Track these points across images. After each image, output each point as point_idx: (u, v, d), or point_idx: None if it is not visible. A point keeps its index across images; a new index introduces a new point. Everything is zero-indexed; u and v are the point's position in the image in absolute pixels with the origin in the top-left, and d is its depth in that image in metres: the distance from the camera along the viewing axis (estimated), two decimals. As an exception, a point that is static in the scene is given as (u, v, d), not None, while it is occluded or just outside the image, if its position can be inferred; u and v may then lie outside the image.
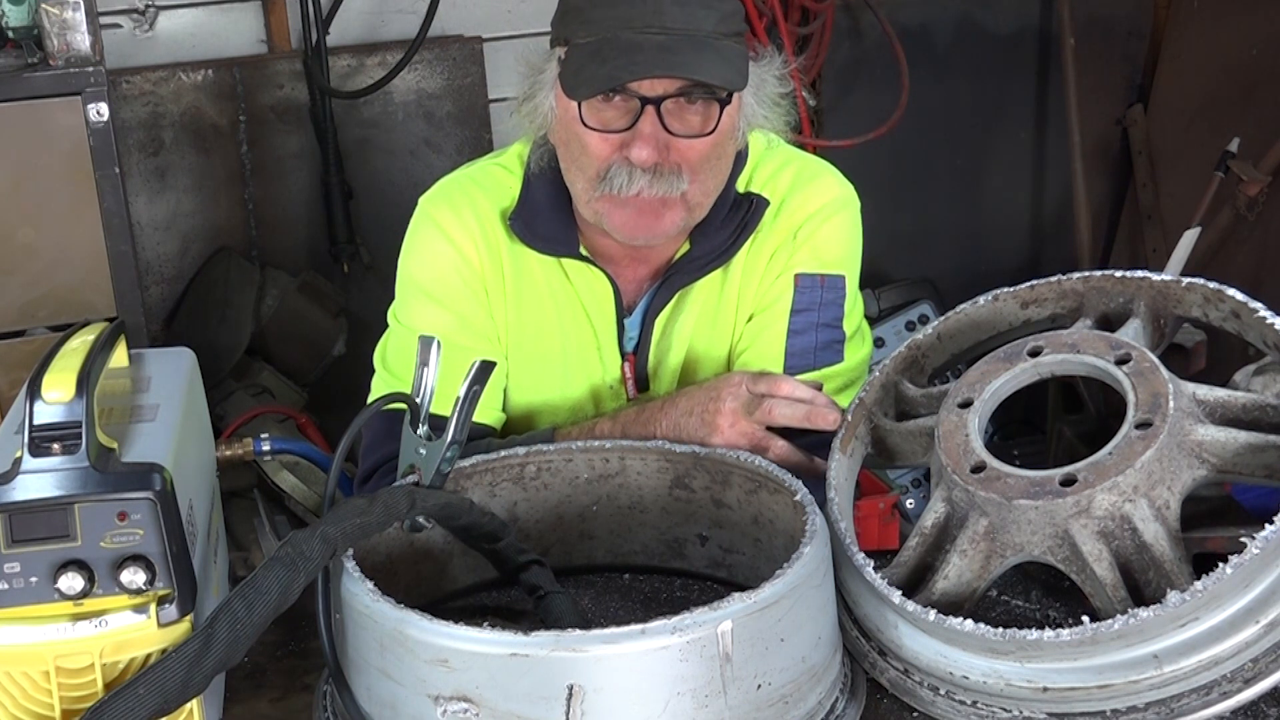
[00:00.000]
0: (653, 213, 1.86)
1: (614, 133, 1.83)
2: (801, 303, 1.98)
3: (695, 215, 1.92)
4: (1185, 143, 4.18)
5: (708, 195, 1.91)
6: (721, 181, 1.93)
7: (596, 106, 1.83)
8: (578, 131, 1.85)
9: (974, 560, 1.51)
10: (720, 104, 1.83)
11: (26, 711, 1.37)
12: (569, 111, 1.86)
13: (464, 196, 2.02)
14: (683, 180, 1.84)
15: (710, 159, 1.86)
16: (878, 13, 4.12)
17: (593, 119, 1.83)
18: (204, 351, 1.93)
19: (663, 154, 1.83)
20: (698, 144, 1.83)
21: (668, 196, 1.85)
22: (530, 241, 1.97)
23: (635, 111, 1.81)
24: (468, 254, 1.99)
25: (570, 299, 2.01)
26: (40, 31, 2.83)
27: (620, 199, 1.85)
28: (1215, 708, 1.37)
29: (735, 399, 1.78)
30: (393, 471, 1.88)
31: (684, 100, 1.81)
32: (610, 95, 1.82)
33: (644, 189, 1.83)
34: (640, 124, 1.81)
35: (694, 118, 1.83)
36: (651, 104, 1.80)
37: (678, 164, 1.83)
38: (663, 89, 1.80)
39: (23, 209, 2.88)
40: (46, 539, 1.35)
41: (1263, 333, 1.52)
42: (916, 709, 1.50)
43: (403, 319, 2.03)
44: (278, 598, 1.34)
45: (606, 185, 1.85)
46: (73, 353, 1.48)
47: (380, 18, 3.84)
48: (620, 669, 1.29)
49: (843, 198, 2.03)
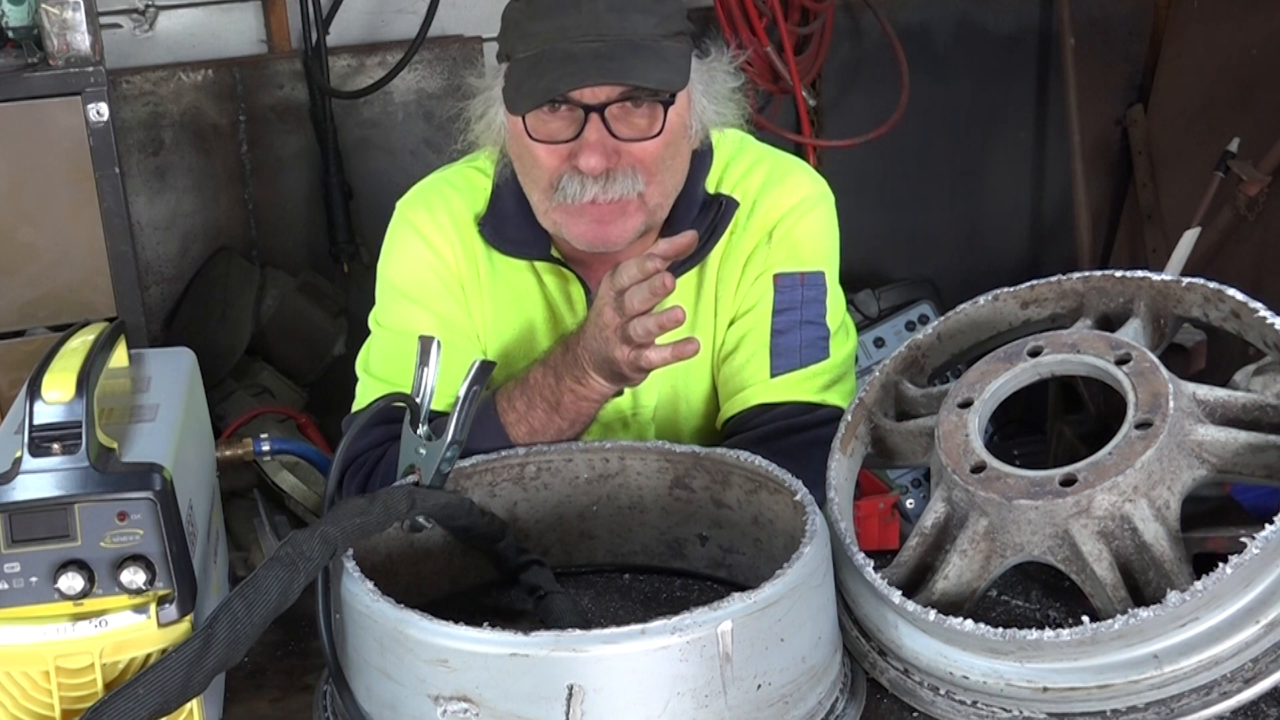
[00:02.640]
0: (610, 219, 1.86)
1: (561, 143, 1.83)
2: (783, 302, 1.98)
3: (656, 216, 1.91)
4: (1185, 143, 4.18)
5: (666, 196, 1.91)
6: (679, 181, 1.92)
7: (542, 119, 1.83)
8: (527, 145, 1.86)
9: (974, 560, 1.51)
10: (664, 105, 1.83)
11: (26, 711, 1.37)
12: (517, 126, 1.86)
13: (439, 199, 2.03)
14: (638, 182, 1.84)
15: (664, 159, 1.86)
16: (878, 13, 4.12)
17: (539, 131, 1.84)
18: (204, 351, 1.93)
19: (613, 159, 1.83)
20: (649, 145, 1.83)
21: (625, 199, 1.84)
22: (501, 246, 1.98)
23: (580, 121, 1.81)
24: (444, 255, 2.00)
25: (543, 300, 2.01)
26: (40, 31, 2.83)
27: (575, 207, 1.85)
28: (1215, 708, 1.37)
29: (604, 299, 1.75)
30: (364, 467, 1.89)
31: (629, 105, 1.82)
32: (555, 106, 1.82)
33: (598, 195, 1.83)
34: (585, 132, 1.81)
35: (640, 120, 1.83)
36: (594, 111, 1.80)
37: (631, 167, 1.84)
38: (605, 95, 1.81)
39: (23, 209, 2.87)
40: (46, 539, 1.35)
41: (1263, 333, 1.51)
42: (916, 709, 1.50)
43: (384, 323, 2.04)
44: (278, 598, 1.34)
45: (560, 195, 1.85)
46: (73, 353, 1.48)
47: (380, 18, 3.84)
48: (620, 669, 1.29)
49: (815, 194, 2.03)
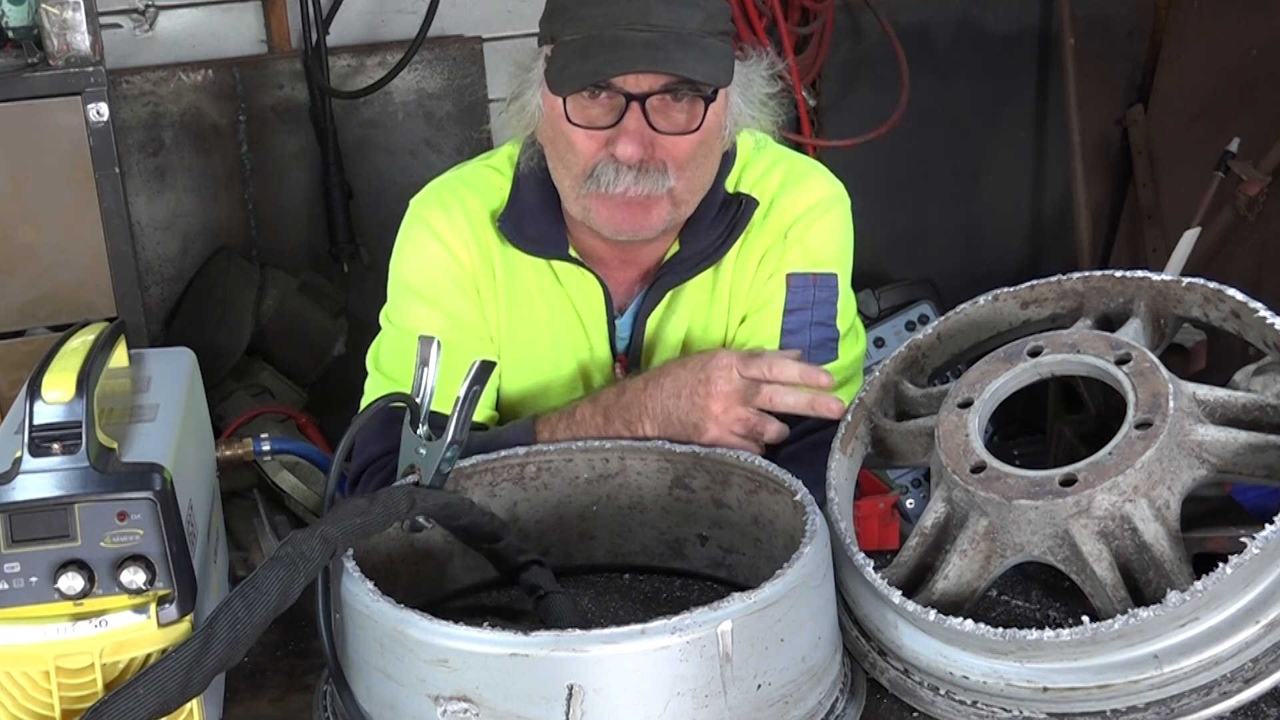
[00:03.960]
0: (639, 208, 1.86)
1: (599, 129, 1.83)
2: (794, 302, 1.98)
3: (682, 212, 1.91)
4: (1185, 143, 4.18)
5: (694, 193, 1.91)
6: (709, 179, 1.93)
7: (582, 103, 1.83)
8: (564, 129, 1.85)
9: (974, 560, 1.51)
10: (705, 101, 1.83)
11: (26, 711, 1.37)
12: (555, 109, 1.86)
13: (454, 197, 2.02)
14: (669, 178, 1.84)
15: (696, 156, 1.86)
16: (878, 13, 4.12)
17: (578, 115, 1.84)
18: (204, 351, 1.93)
19: (648, 151, 1.82)
20: (683, 141, 1.83)
21: (654, 195, 1.84)
22: (519, 243, 1.97)
23: (620, 108, 1.81)
24: (459, 254, 1.99)
25: (561, 300, 2.01)
26: (40, 31, 2.84)
27: (606, 195, 1.85)
28: (1215, 708, 1.37)
29: (728, 382, 1.77)
30: (383, 470, 1.89)
31: (669, 97, 1.82)
32: (596, 92, 1.82)
33: (630, 187, 1.83)
34: (625, 120, 1.81)
35: (679, 115, 1.83)
36: (636, 100, 1.80)
37: (663, 161, 1.83)
38: (648, 85, 1.80)
39: (23, 209, 2.88)
40: (46, 539, 1.35)
41: (1263, 333, 1.51)
42: (916, 709, 1.50)
43: (395, 321, 2.03)
44: (278, 598, 1.34)
45: (593, 183, 1.85)
46: (73, 353, 1.48)
47: (380, 18, 3.84)
48: (620, 669, 1.29)
49: (832, 196, 2.03)
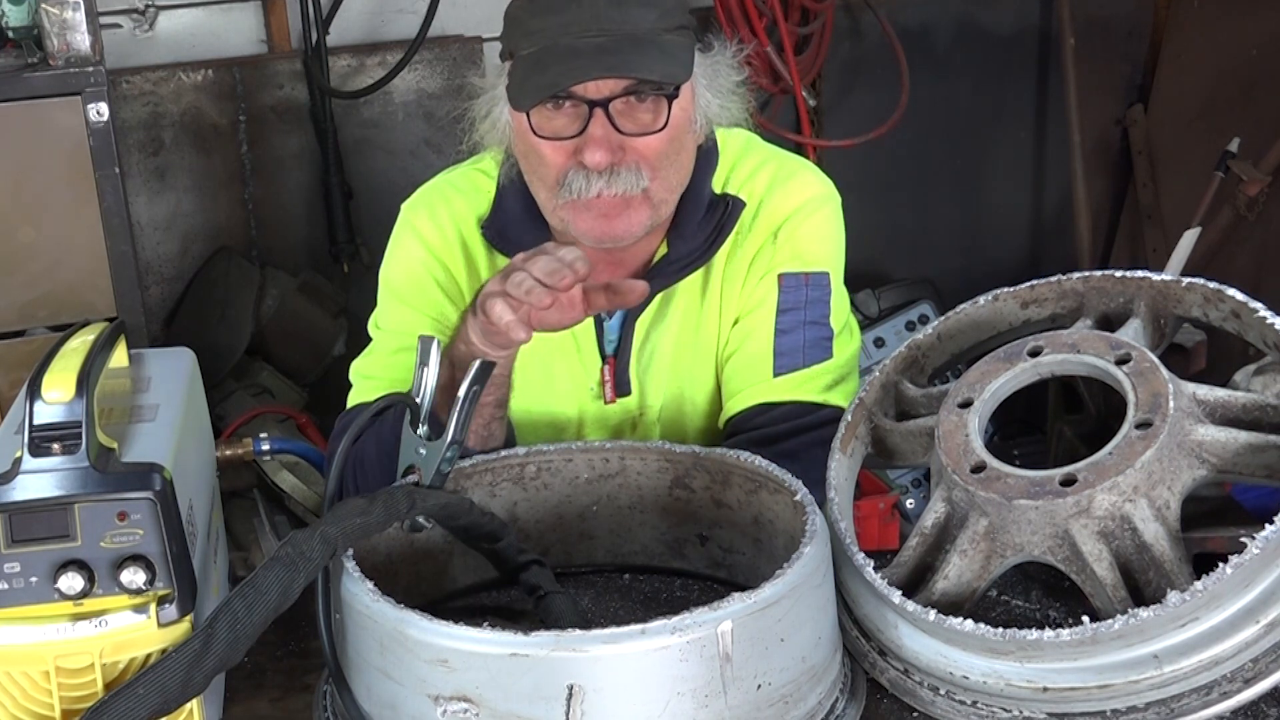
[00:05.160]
0: (616, 213, 1.85)
1: (566, 139, 1.83)
2: (787, 302, 1.98)
3: (661, 212, 1.91)
4: (1185, 143, 4.18)
5: (671, 191, 1.91)
6: (685, 176, 1.93)
7: (547, 115, 1.83)
8: (532, 142, 1.85)
9: (974, 560, 1.51)
10: (669, 99, 1.83)
11: (26, 711, 1.37)
12: (522, 123, 1.86)
13: (441, 200, 2.03)
14: (643, 177, 1.84)
15: (668, 154, 1.86)
16: (878, 13, 4.12)
17: (543, 128, 1.84)
18: (204, 351, 1.93)
19: (618, 155, 1.82)
20: (653, 140, 1.83)
21: (629, 195, 1.84)
22: (504, 249, 1.98)
23: (584, 116, 1.81)
24: (444, 259, 2.00)
25: None
26: (40, 31, 2.83)
27: (582, 203, 1.85)
28: (1215, 708, 1.37)
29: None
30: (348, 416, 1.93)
31: (633, 99, 1.82)
32: (559, 103, 1.82)
33: (603, 190, 1.83)
34: (590, 128, 1.81)
35: (644, 115, 1.83)
36: (598, 106, 1.80)
37: (635, 162, 1.83)
38: (608, 90, 1.80)
39: (23, 209, 2.88)
40: (46, 539, 1.35)
41: (1263, 333, 1.51)
42: (916, 709, 1.50)
43: (382, 325, 2.04)
44: (278, 598, 1.34)
45: (566, 191, 1.85)
46: (73, 353, 1.48)
47: (380, 18, 3.84)
48: (620, 669, 1.29)
49: (821, 194, 2.03)
